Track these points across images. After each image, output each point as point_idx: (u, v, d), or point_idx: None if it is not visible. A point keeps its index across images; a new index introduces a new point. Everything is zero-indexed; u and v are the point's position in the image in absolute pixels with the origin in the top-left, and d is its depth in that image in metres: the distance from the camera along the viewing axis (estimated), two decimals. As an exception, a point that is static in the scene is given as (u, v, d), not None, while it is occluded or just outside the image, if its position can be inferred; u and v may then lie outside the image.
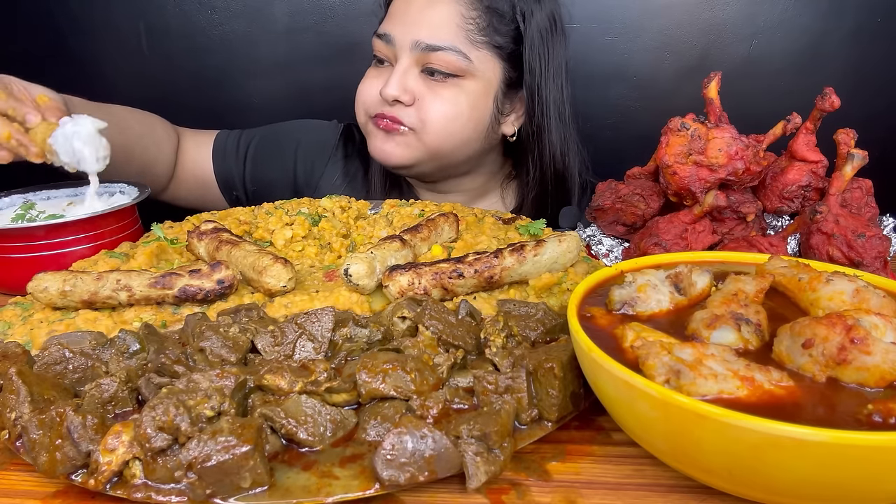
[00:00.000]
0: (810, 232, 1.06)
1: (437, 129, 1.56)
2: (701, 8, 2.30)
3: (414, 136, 1.58)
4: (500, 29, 1.56)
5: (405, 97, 1.54)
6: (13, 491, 0.68)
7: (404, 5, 1.57)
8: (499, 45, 1.57)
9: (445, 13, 1.52)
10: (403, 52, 1.54)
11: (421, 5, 1.54)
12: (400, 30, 1.54)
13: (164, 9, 2.34)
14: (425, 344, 0.80)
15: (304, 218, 1.22)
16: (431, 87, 1.55)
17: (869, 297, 0.71)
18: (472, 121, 1.60)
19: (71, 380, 0.78)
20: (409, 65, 1.54)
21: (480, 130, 1.63)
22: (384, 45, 1.57)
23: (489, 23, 1.55)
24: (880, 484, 0.53)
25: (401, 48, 1.54)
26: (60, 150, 1.19)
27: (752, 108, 1.66)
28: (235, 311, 0.89)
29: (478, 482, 0.64)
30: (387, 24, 1.59)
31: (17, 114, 1.21)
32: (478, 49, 1.54)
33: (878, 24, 2.29)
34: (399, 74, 1.54)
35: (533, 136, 1.67)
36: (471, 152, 1.66)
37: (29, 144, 1.20)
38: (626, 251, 1.25)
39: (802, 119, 1.15)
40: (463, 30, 1.52)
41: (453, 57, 1.51)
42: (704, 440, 0.56)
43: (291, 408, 0.69)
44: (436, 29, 1.51)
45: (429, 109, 1.55)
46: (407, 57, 1.54)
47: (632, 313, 0.75)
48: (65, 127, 1.19)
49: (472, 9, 1.53)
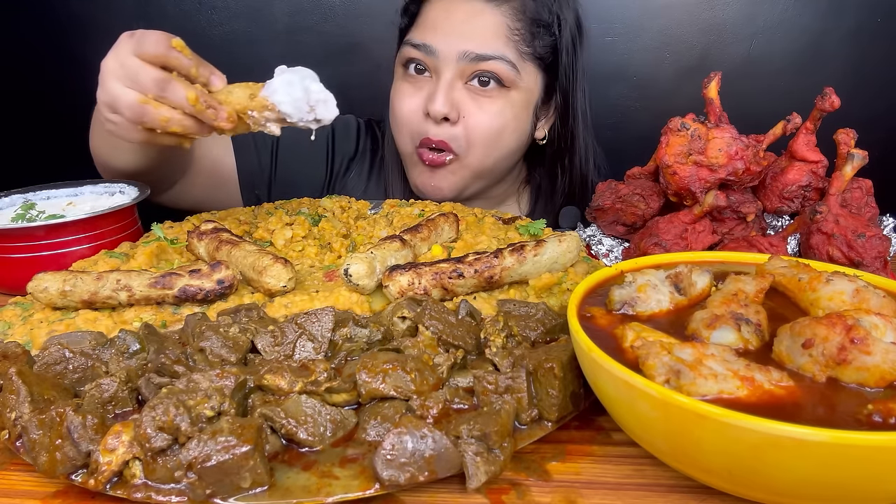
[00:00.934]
0: (810, 232, 1.06)
1: (481, 147, 1.52)
2: (701, 8, 2.30)
3: (458, 163, 1.53)
4: (542, 40, 1.54)
5: (453, 114, 1.48)
6: (13, 491, 0.68)
7: (444, 15, 1.50)
8: (540, 56, 1.55)
9: (492, 24, 1.48)
10: (448, 63, 1.47)
11: (465, 16, 1.48)
12: (443, 40, 1.47)
13: (164, 9, 2.34)
14: (425, 344, 0.80)
15: (304, 218, 1.22)
16: (477, 101, 1.50)
17: (869, 297, 0.71)
18: (517, 132, 1.58)
19: (71, 380, 0.78)
20: (453, 77, 1.48)
21: (523, 141, 1.62)
22: (423, 56, 1.50)
23: (533, 34, 1.52)
24: (880, 484, 0.53)
25: (445, 59, 1.47)
26: (285, 101, 1.01)
27: (752, 108, 1.66)
28: (235, 311, 0.89)
29: (478, 482, 0.64)
30: (423, 33, 1.51)
31: (202, 75, 1.05)
32: (524, 61, 1.51)
33: (878, 24, 2.29)
34: (445, 89, 1.47)
35: (566, 141, 1.66)
36: (510, 164, 1.65)
37: (219, 108, 1.04)
38: (626, 251, 1.25)
39: (802, 119, 1.15)
40: (510, 41, 1.49)
41: (503, 67, 1.47)
42: (704, 440, 0.56)
43: (291, 408, 0.69)
44: (484, 39, 1.47)
45: (476, 126, 1.50)
46: (452, 69, 1.48)
47: (632, 313, 0.75)
48: (283, 75, 1.03)
49: (517, 20, 1.50)
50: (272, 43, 2.34)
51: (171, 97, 1.01)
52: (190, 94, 1.01)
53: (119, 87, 1.01)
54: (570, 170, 1.69)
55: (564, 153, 1.68)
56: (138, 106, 1.00)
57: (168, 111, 1.01)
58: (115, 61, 1.02)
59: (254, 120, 1.05)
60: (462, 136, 1.51)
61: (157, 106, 1.01)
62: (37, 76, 2.41)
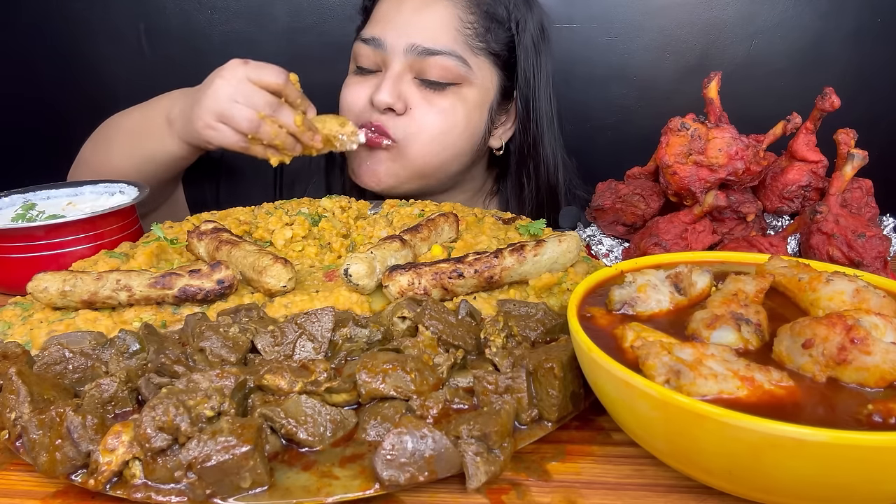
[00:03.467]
0: (810, 232, 1.06)
1: (424, 143, 1.47)
2: (701, 8, 2.30)
3: (397, 152, 1.48)
4: (497, 35, 1.49)
5: (398, 105, 1.44)
6: (13, 491, 0.68)
7: (395, 7, 1.48)
8: (495, 52, 1.50)
9: (442, 16, 1.44)
10: (396, 56, 1.44)
11: (414, 7, 1.45)
12: (392, 33, 1.45)
13: (164, 9, 2.33)
14: (425, 344, 0.80)
15: (304, 218, 1.22)
16: (426, 96, 1.46)
17: (869, 297, 0.71)
18: (467, 132, 1.52)
19: (71, 380, 0.78)
20: (402, 70, 1.45)
21: (474, 143, 1.56)
22: (371, 51, 1.48)
23: (487, 28, 1.47)
24: (880, 484, 0.53)
25: (393, 53, 1.45)
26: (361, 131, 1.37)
27: (752, 108, 1.66)
28: (235, 311, 0.89)
29: (478, 482, 0.64)
30: (374, 27, 1.49)
31: (303, 104, 1.31)
32: (476, 55, 1.47)
33: (878, 25, 2.29)
34: (392, 79, 1.44)
35: (528, 148, 1.61)
36: (460, 167, 1.59)
37: (315, 131, 1.30)
38: (626, 251, 1.25)
39: (802, 119, 1.15)
40: (461, 34, 1.45)
41: (452, 62, 1.43)
42: (704, 440, 0.56)
43: (291, 408, 0.69)
44: (432, 32, 1.43)
45: (422, 121, 1.46)
46: (400, 62, 1.44)
47: (632, 313, 0.75)
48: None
49: (470, 13, 1.46)
50: (272, 43, 2.34)
51: (280, 118, 1.25)
52: (297, 118, 1.27)
53: (235, 104, 1.23)
54: (536, 178, 1.63)
55: (528, 161, 1.62)
56: (257, 121, 1.24)
57: (277, 129, 1.25)
58: (230, 81, 1.25)
59: (341, 142, 1.35)
60: (405, 128, 1.47)
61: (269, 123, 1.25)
62: (37, 76, 2.41)
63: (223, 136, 1.27)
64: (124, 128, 1.50)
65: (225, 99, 1.24)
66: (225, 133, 1.26)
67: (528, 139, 1.60)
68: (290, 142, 1.28)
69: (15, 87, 2.43)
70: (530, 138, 1.60)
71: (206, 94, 1.26)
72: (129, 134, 1.47)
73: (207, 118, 1.26)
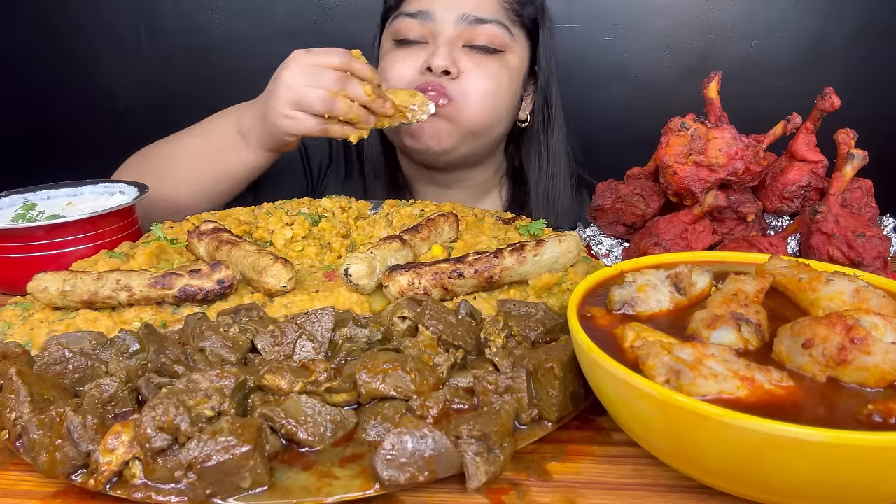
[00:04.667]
0: (810, 232, 1.06)
1: (478, 101, 1.56)
2: (701, 8, 2.30)
3: (454, 111, 1.55)
4: (528, 10, 1.60)
5: (454, 69, 1.52)
6: (13, 491, 0.68)
7: None
8: (527, 25, 1.61)
9: None
10: (447, 26, 1.53)
11: None
12: (440, 5, 1.54)
13: (163, 9, 2.34)
14: (425, 344, 0.80)
15: (304, 218, 1.22)
16: (477, 61, 1.55)
17: (869, 297, 0.71)
18: (509, 95, 1.61)
19: (71, 380, 0.77)
20: (455, 38, 1.54)
21: (512, 109, 1.65)
22: (418, 24, 1.56)
23: (522, 3, 1.59)
24: (880, 484, 0.53)
25: (443, 23, 1.53)
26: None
27: (752, 108, 1.66)
28: (235, 311, 0.89)
29: (478, 482, 0.64)
30: (418, 2, 1.57)
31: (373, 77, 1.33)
32: (515, 26, 1.58)
33: (878, 25, 2.29)
34: (447, 45, 1.52)
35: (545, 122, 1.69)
36: (501, 130, 1.68)
37: (386, 98, 1.34)
38: (626, 251, 1.25)
39: (802, 119, 1.15)
40: (502, 5, 1.56)
41: (499, 30, 1.54)
42: (704, 440, 0.56)
43: (291, 408, 0.69)
44: (480, 2, 1.53)
45: (474, 83, 1.54)
46: (451, 30, 1.53)
47: (632, 313, 0.75)
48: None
49: None
50: (272, 43, 2.34)
51: (350, 91, 1.29)
52: (367, 88, 1.30)
53: (306, 88, 1.28)
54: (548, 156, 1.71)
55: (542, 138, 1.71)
56: (330, 98, 1.28)
57: (349, 103, 1.29)
58: (296, 69, 1.29)
59: (413, 112, 1.39)
60: (459, 90, 1.54)
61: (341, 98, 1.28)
62: (37, 76, 2.41)
63: (301, 123, 1.31)
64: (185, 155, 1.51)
65: (296, 87, 1.29)
66: (302, 119, 1.31)
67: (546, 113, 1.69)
68: (364, 114, 1.31)
69: (15, 87, 2.43)
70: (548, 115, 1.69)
71: (278, 88, 1.31)
72: (196, 158, 1.50)
73: (283, 108, 1.31)
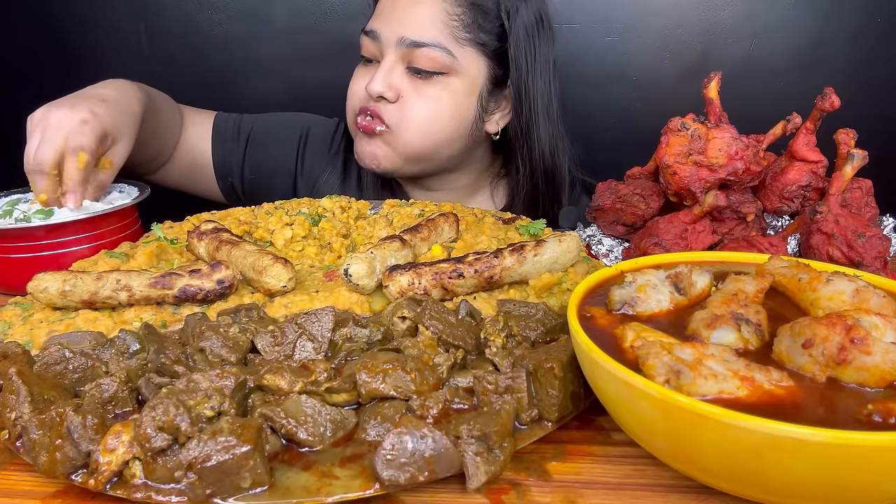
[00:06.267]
0: (810, 232, 1.06)
1: (414, 129, 1.57)
2: (701, 8, 2.30)
3: (391, 137, 1.58)
4: (484, 26, 1.57)
5: (389, 93, 1.54)
6: (13, 491, 0.68)
7: (390, 2, 1.58)
8: (483, 42, 1.58)
9: (430, 10, 1.54)
10: (389, 48, 1.55)
11: (407, 2, 1.55)
12: (386, 27, 1.55)
13: (164, 9, 2.33)
14: (425, 344, 0.80)
15: (304, 218, 1.22)
16: (416, 86, 1.56)
17: (869, 297, 0.71)
18: (455, 119, 1.61)
19: (71, 380, 0.78)
20: (394, 61, 1.55)
21: (464, 129, 1.64)
22: (371, 43, 1.59)
23: (474, 20, 1.56)
24: (880, 484, 0.53)
25: (386, 45, 1.55)
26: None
27: (752, 108, 1.66)
28: (235, 311, 0.89)
29: (478, 482, 0.64)
30: (374, 20, 1.61)
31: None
32: (462, 46, 1.56)
33: (878, 25, 2.29)
34: (384, 71, 1.55)
35: (521, 133, 1.68)
36: (453, 151, 1.67)
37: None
38: (626, 251, 1.25)
39: (802, 119, 1.15)
40: (448, 26, 1.54)
41: (438, 53, 1.53)
42: (704, 440, 0.56)
43: (291, 408, 0.69)
44: (421, 25, 1.53)
45: (411, 108, 1.56)
46: (392, 54, 1.55)
47: (632, 313, 0.75)
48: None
49: (457, 5, 1.54)
50: (272, 43, 2.34)
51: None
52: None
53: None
54: (530, 162, 1.70)
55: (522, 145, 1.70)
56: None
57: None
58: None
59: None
60: (397, 114, 1.57)
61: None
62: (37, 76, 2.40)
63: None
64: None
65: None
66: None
67: (522, 124, 1.67)
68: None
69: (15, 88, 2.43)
70: (523, 124, 1.67)
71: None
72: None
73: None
